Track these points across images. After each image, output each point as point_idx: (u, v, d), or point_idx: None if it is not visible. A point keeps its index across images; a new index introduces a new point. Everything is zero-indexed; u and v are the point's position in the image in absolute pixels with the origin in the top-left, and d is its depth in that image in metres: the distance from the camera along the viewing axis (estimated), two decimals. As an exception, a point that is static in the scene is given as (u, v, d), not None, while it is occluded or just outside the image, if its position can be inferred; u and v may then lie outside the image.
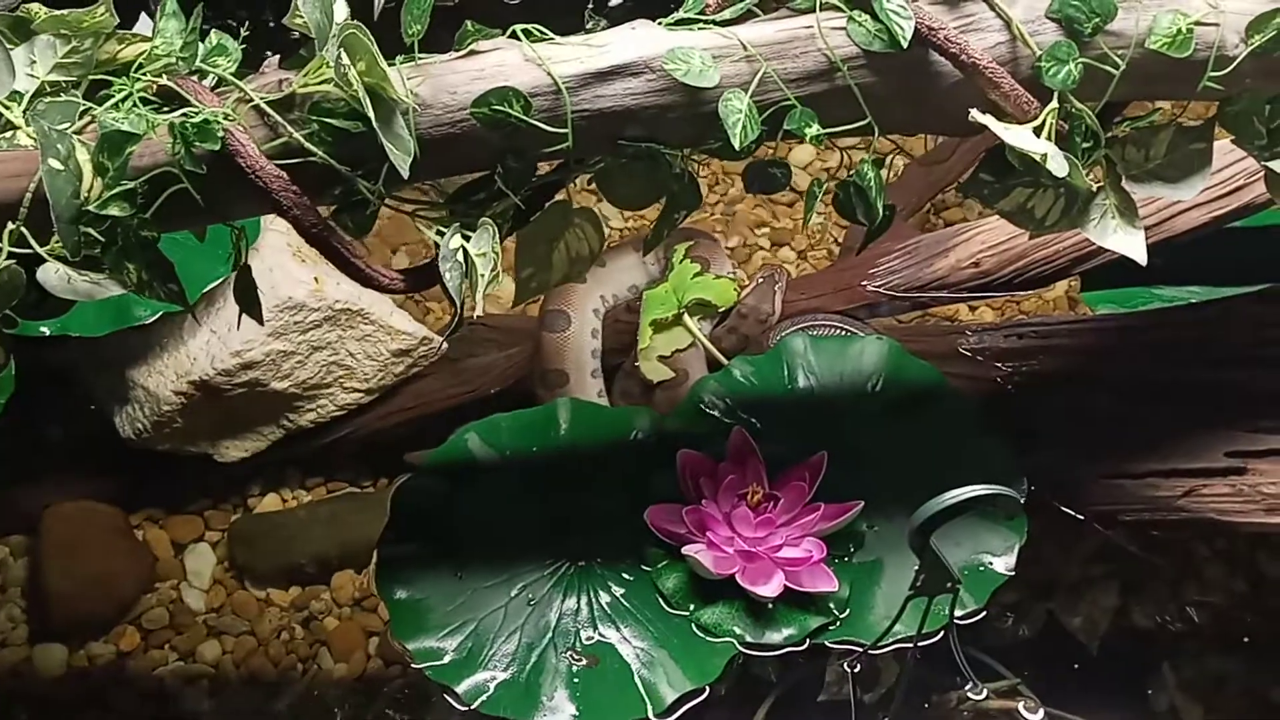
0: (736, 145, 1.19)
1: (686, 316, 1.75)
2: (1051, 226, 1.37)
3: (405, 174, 1.14)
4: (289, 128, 1.17)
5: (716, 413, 1.63)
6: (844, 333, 1.75)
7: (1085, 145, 1.32)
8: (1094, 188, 1.35)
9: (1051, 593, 1.68)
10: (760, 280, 1.82)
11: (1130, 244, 1.35)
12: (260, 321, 1.31)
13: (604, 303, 1.85)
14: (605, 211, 2.16)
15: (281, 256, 1.78)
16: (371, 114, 1.12)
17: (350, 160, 1.19)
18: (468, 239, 1.23)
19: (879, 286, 1.81)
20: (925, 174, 2.03)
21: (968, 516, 1.23)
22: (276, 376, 1.75)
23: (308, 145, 1.16)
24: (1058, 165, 1.23)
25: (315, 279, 1.77)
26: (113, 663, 1.68)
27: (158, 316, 1.73)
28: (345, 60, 1.13)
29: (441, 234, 1.23)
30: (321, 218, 1.19)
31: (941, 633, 1.45)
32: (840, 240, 2.15)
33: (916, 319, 1.98)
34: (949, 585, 1.27)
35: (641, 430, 1.61)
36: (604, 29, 1.28)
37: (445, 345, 1.84)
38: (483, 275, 1.21)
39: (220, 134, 1.14)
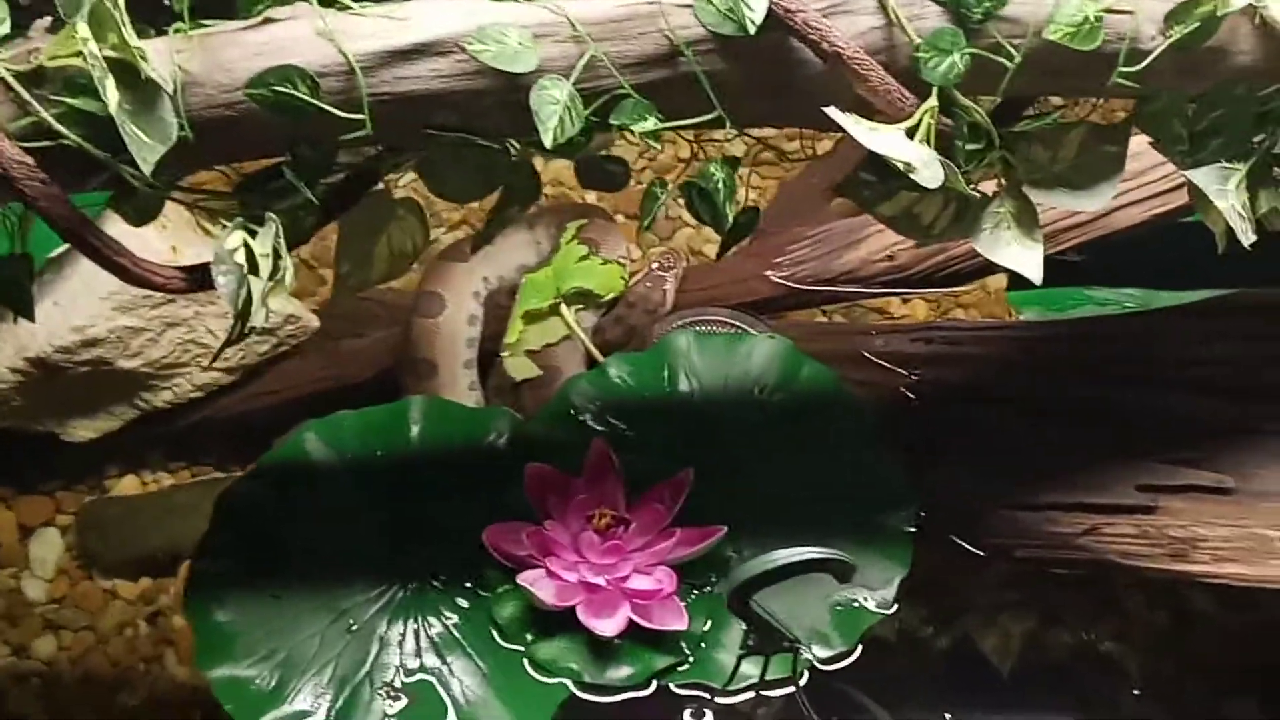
0: (548, 141, 1.03)
1: (564, 306, 1.60)
2: (940, 235, 1.21)
3: (148, 168, 0.98)
4: (37, 106, 1.02)
5: (586, 417, 1.48)
6: (734, 329, 1.59)
7: (974, 146, 1.15)
8: (988, 193, 1.20)
9: (957, 620, 1.54)
10: (653, 267, 1.66)
11: (1025, 259, 1.19)
12: (30, 318, 1.17)
13: (487, 285, 1.70)
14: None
15: (138, 223, 1.63)
16: (112, 99, 0.97)
17: (114, 144, 1.03)
18: (254, 234, 1.08)
19: (784, 277, 1.65)
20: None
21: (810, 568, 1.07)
22: (124, 355, 1.62)
23: (57, 126, 1.01)
24: (929, 175, 1.07)
25: (173, 248, 1.62)
26: (-61, 657, 1.58)
27: (-3, 284, 1.60)
28: (86, 34, 0.97)
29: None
30: (73, 209, 1.05)
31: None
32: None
33: (840, 311, 1.83)
34: (786, 644, 1.12)
35: (500, 435, 1.47)
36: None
37: (317, 324, 1.70)
38: (261, 278, 1.06)
39: (-50, 112, 0.99)
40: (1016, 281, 1.69)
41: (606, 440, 1.40)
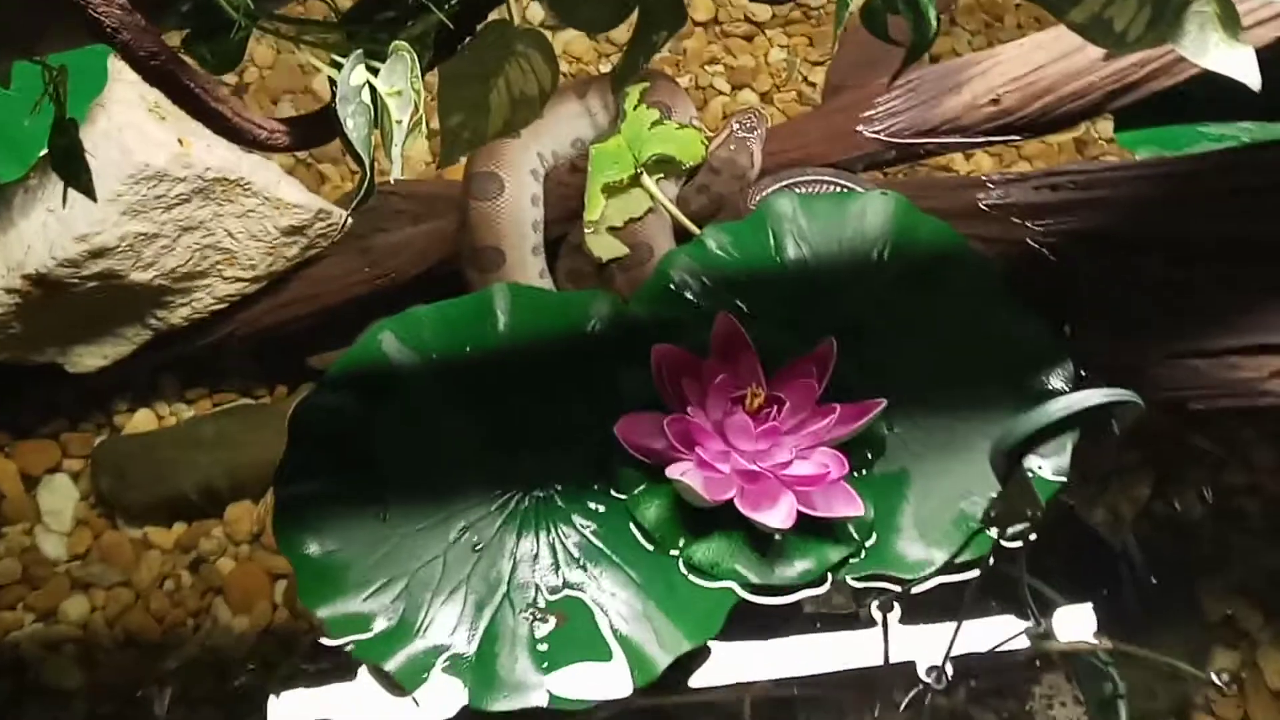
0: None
1: (646, 176, 1.42)
2: (1135, 43, 1.06)
3: (276, -26, 0.79)
4: (107, -86, 0.80)
5: (690, 295, 1.32)
6: (839, 189, 1.43)
7: (1189, -69, 1.00)
8: (1188, -8, 1.05)
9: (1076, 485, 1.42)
10: (734, 128, 1.48)
11: (1236, 61, 1.04)
12: (91, 196, 0.96)
13: (543, 161, 1.50)
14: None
15: (135, 113, 1.40)
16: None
17: (203, -35, 0.83)
18: (375, 72, 0.89)
19: (877, 132, 1.49)
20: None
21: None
22: (137, 266, 1.40)
23: (136, -61, 0.81)
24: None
25: (180, 141, 1.40)
26: (-46, 627, 1.36)
27: (-21, 192, 1.37)
28: None
29: (339, 66, 0.89)
30: (164, 44, 0.84)
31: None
32: (810, 79, 1.83)
33: (902, 172, 1.67)
34: (1029, 515, 0.98)
35: (600, 319, 1.29)
36: None
37: (349, 220, 1.49)
38: (399, 121, 0.87)
39: (2, -79, 0.78)
40: (1124, 122, 1.57)
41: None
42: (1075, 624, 1.31)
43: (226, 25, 0.89)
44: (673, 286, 1.32)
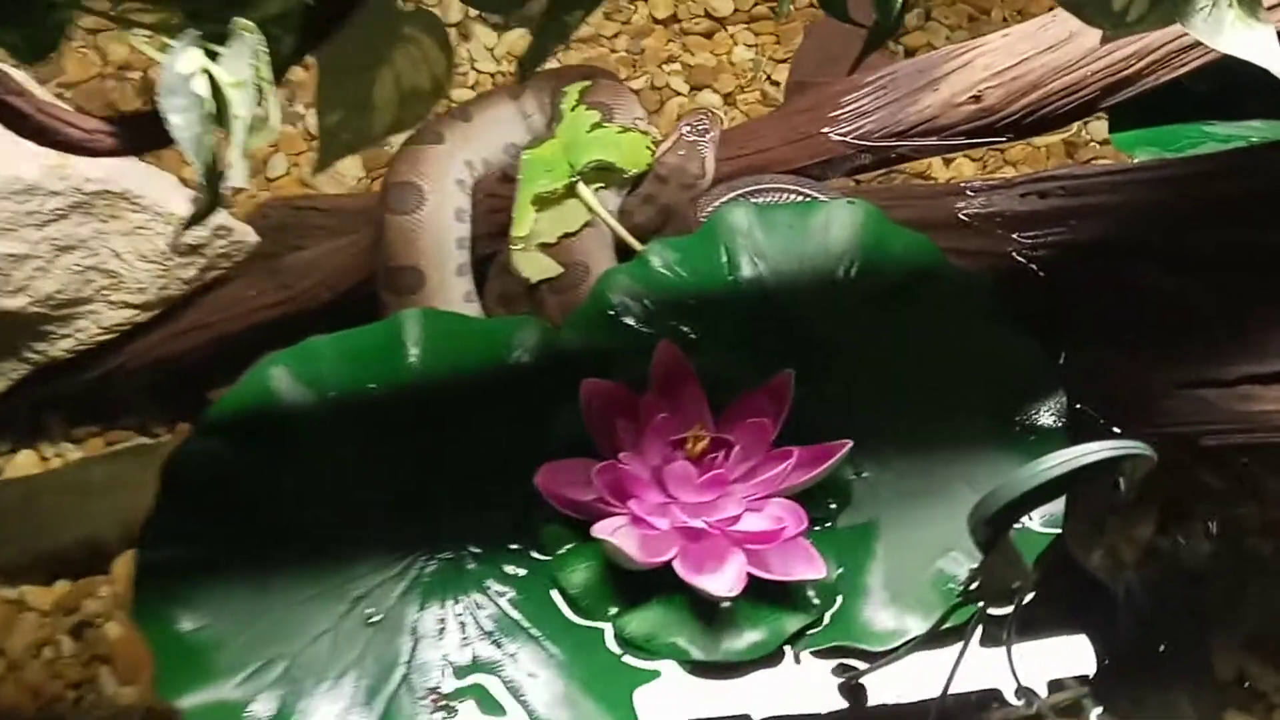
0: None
1: (582, 186, 1.26)
2: (1136, 24, 0.92)
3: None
4: None
5: (631, 320, 1.16)
6: (801, 198, 1.27)
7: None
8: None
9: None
10: (684, 131, 1.32)
11: (1255, 44, 0.91)
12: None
13: (471, 170, 1.34)
14: (470, 52, 1.68)
15: (5, 121, 1.24)
16: None
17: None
18: (215, 57, 0.73)
19: (846, 135, 1.33)
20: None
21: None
22: (6, 291, 1.25)
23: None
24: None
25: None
26: None
27: None
28: None
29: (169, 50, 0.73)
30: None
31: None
32: (775, 78, 1.69)
33: (875, 179, 1.51)
34: (1015, 587, 0.82)
35: (525, 349, 1.13)
36: None
37: (256, 239, 1.33)
38: (237, 117, 0.71)
39: None
40: (1119, 123, 1.42)
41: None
42: (1068, 687, 1.15)
43: (39, 5, 0.73)
44: (611, 311, 1.16)
